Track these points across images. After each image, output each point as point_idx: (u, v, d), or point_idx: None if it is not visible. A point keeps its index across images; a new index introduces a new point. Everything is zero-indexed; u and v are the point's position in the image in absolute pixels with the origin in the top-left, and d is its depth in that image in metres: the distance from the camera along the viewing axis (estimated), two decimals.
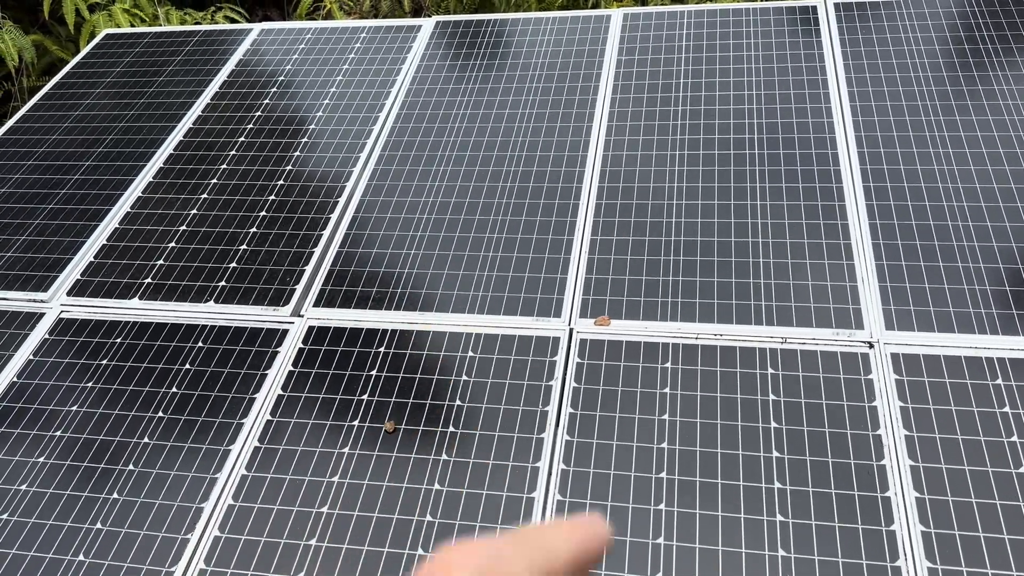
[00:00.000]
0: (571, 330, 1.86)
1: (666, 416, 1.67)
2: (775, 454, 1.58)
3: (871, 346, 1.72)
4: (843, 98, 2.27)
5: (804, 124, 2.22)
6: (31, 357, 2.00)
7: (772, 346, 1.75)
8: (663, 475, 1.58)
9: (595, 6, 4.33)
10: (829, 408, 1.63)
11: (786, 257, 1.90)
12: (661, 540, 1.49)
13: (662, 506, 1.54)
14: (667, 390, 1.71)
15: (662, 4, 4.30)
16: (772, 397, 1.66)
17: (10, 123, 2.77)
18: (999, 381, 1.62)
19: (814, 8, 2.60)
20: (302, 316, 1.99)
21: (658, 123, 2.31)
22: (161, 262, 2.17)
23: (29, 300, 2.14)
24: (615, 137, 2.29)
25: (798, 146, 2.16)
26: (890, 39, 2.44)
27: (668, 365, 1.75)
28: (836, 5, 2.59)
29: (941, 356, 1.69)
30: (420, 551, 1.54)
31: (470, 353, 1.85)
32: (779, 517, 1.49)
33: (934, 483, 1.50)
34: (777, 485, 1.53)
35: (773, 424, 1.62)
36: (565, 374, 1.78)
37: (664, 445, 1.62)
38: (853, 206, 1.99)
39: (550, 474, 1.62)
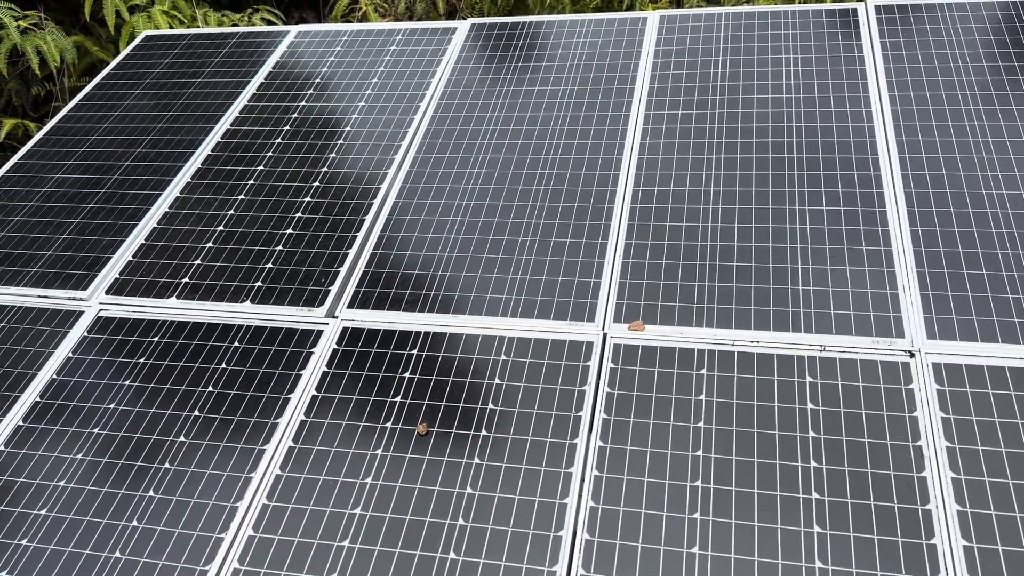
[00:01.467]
0: (605, 335, 1.85)
1: (701, 423, 1.65)
2: (813, 464, 1.55)
3: (912, 355, 1.69)
4: (884, 102, 2.24)
5: (844, 128, 2.19)
6: (70, 355, 2.02)
7: (811, 354, 1.72)
8: (698, 483, 1.56)
9: (629, 8, 4.31)
10: (868, 418, 1.61)
11: (825, 263, 1.88)
12: (696, 550, 1.47)
13: (697, 515, 1.52)
14: (703, 397, 1.69)
15: (698, 6, 4.27)
16: (810, 406, 1.64)
17: (52, 123, 2.81)
18: None
19: (855, 11, 2.57)
20: (336, 317, 2.00)
21: (695, 126, 2.29)
22: (198, 262, 2.19)
23: (68, 298, 2.17)
24: (651, 140, 2.28)
25: (838, 150, 2.13)
26: (932, 42, 2.40)
27: (704, 372, 1.73)
28: (877, 8, 2.56)
29: (984, 366, 1.65)
30: (452, 555, 1.54)
31: (503, 356, 1.85)
32: (816, 528, 1.47)
33: (977, 496, 1.47)
34: (815, 496, 1.51)
35: (811, 433, 1.59)
36: (599, 379, 1.77)
37: (699, 453, 1.60)
38: (894, 212, 1.96)
39: (583, 480, 1.61)
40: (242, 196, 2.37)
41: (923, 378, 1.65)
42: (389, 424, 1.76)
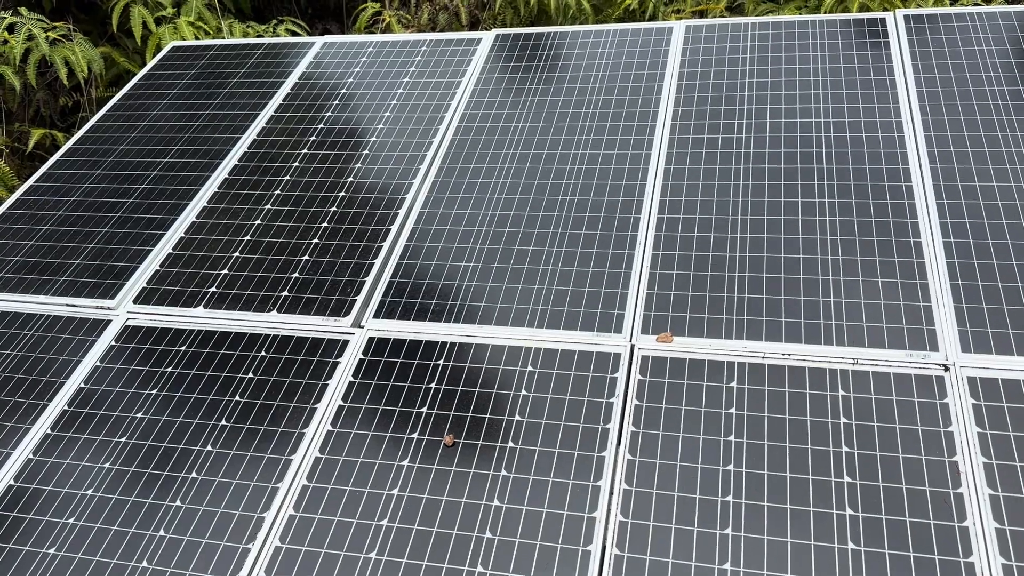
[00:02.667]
0: (632, 346, 1.83)
1: (732, 437, 1.63)
2: (846, 479, 1.53)
3: (946, 369, 1.66)
4: (914, 112, 2.21)
5: (874, 138, 2.16)
6: (98, 363, 2.03)
7: (843, 367, 1.70)
8: (729, 498, 1.54)
9: (652, 18, 4.30)
10: (903, 432, 1.58)
11: (857, 275, 1.85)
12: (728, 566, 1.45)
13: (728, 531, 1.50)
14: (733, 410, 1.67)
15: (721, 15, 4.25)
16: (843, 420, 1.61)
17: (80, 133, 2.84)
18: None
19: (883, 20, 2.54)
20: (362, 327, 1.99)
21: (722, 136, 2.27)
22: (225, 271, 2.20)
23: (97, 307, 2.18)
24: (677, 150, 2.26)
25: (868, 161, 2.11)
26: (963, 52, 2.37)
27: (734, 384, 1.71)
28: (906, 17, 2.53)
29: (1021, 380, 1.62)
30: (480, 567, 1.52)
31: (529, 368, 1.83)
32: (851, 545, 1.44)
33: (1016, 513, 1.44)
34: (849, 512, 1.48)
35: (844, 448, 1.57)
36: (627, 391, 1.75)
37: (731, 467, 1.58)
38: (926, 223, 1.94)
39: (612, 493, 1.59)
40: (268, 206, 2.37)
41: (958, 392, 1.62)
42: (415, 435, 1.75)
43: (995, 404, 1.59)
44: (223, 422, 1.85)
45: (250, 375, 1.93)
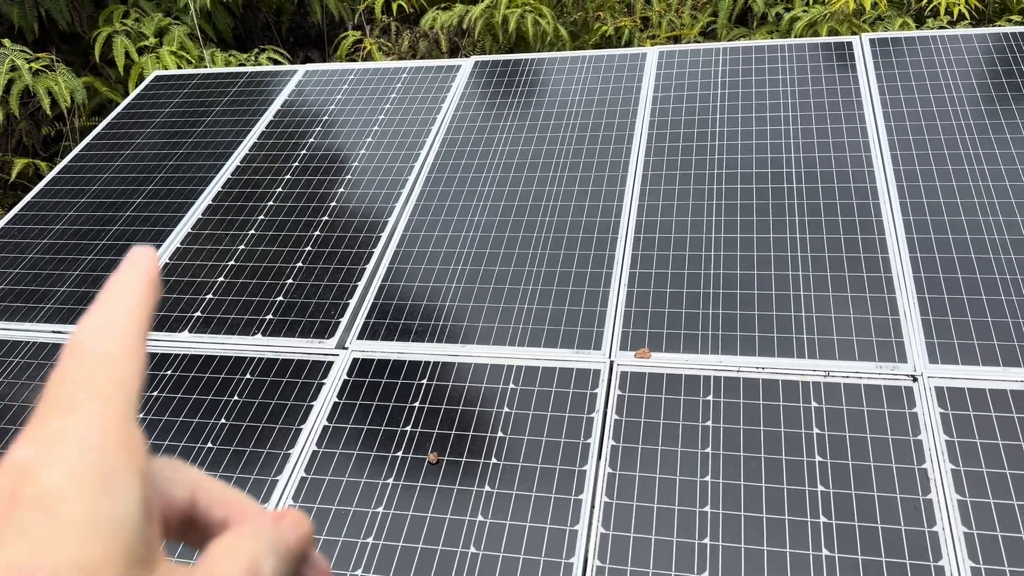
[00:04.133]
0: (612, 362, 1.88)
1: (709, 449, 1.67)
2: (820, 488, 1.57)
3: (915, 379, 1.72)
4: (880, 132, 2.29)
5: (842, 158, 2.23)
6: None
7: (815, 379, 1.75)
8: (707, 509, 1.58)
9: (628, 44, 4.39)
10: (874, 442, 1.63)
11: (827, 290, 1.91)
12: (706, 574, 1.49)
13: (707, 540, 1.54)
14: (709, 423, 1.71)
15: (695, 41, 4.35)
16: (816, 431, 1.66)
17: (63, 163, 2.87)
18: None
19: (849, 44, 2.63)
20: (346, 348, 2.03)
21: (695, 157, 2.33)
22: (210, 296, 2.23)
23: None
24: (652, 172, 2.32)
25: (836, 180, 2.17)
26: (927, 73, 2.45)
27: (710, 398, 1.76)
28: (872, 40, 2.62)
29: (987, 390, 1.68)
30: None
31: (511, 385, 1.87)
32: (825, 552, 1.48)
33: (983, 518, 1.49)
34: (823, 519, 1.53)
35: (818, 458, 1.62)
36: (606, 406, 1.79)
37: (708, 479, 1.62)
38: (893, 239, 2.00)
39: (593, 507, 1.63)
40: (252, 231, 2.41)
41: (926, 402, 1.68)
42: (400, 453, 1.78)
43: (962, 413, 1.65)
44: (209, 444, 1.87)
45: (235, 398, 1.96)
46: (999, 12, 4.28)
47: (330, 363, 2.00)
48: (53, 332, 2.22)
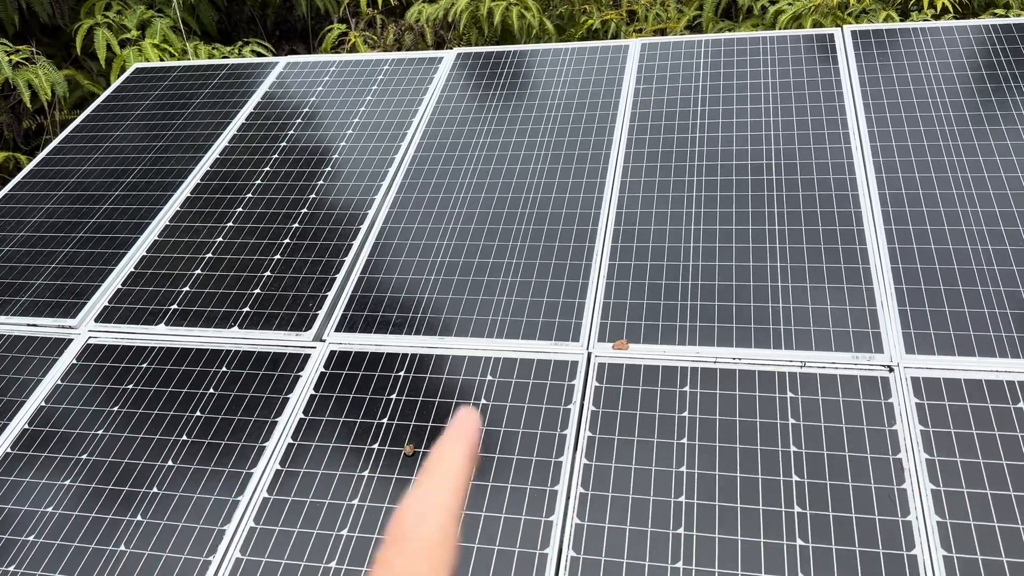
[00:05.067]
0: (589, 354, 1.87)
1: (685, 440, 1.67)
2: (795, 478, 1.57)
3: (891, 370, 1.72)
4: (861, 123, 2.28)
5: (822, 149, 2.23)
6: (59, 382, 2.03)
7: (791, 370, 1.75)
8: (682, 499, 1.58)
9: (614, 37, 4.38)
10: (849, 432, 1.63)
11: (804, 281, 1.91)
12: (680, 564, 1.49)
13: (681, 530, 1.53)
14: (686, 414, 1.71)
15: (681, 34, 4.34)
16: (792, 421, 1.66)
17: (42, 155, 2.84)
18: (1020, 404, 1.61)
19: (831, 36, 2.62)
20: (324, 341, 2.02)
21: (676, 149, 2.33)
22: (187, 289, 2.21)
23: (58, 326, 2.19)
24: (633, 164, 2.32)
25: (816, 171, 2.17)
26: (907, 66, 2.45)
27: (687, 389, 1.75)
28: (854, 33, 2.61)
29: (962, 380, 1.68)
30: None
31: (489, 377, 1.86)
32: (799, 541, 1.48)
33: (956, 507, 1.49)
34: (797, 509, 1.53)
35: (793, 448, 1.61)
36: (583, 398, 1.78)
37: (683, 469, 1.62)
38: (871, 230, 2.00)
39: (568, 497, 1.62)
40: (231, 223, 2.39)
41: (902, 392, 1.68)
42: (376, 445, 1.77)
43: (937, 403, 1.65)
44: (184, 437, 1.85)
45: (211, 391, 1.94)
46: (984, 6, 4.29)
47: (307, 356, 1.99)
48: (29, 325, 2.20)
